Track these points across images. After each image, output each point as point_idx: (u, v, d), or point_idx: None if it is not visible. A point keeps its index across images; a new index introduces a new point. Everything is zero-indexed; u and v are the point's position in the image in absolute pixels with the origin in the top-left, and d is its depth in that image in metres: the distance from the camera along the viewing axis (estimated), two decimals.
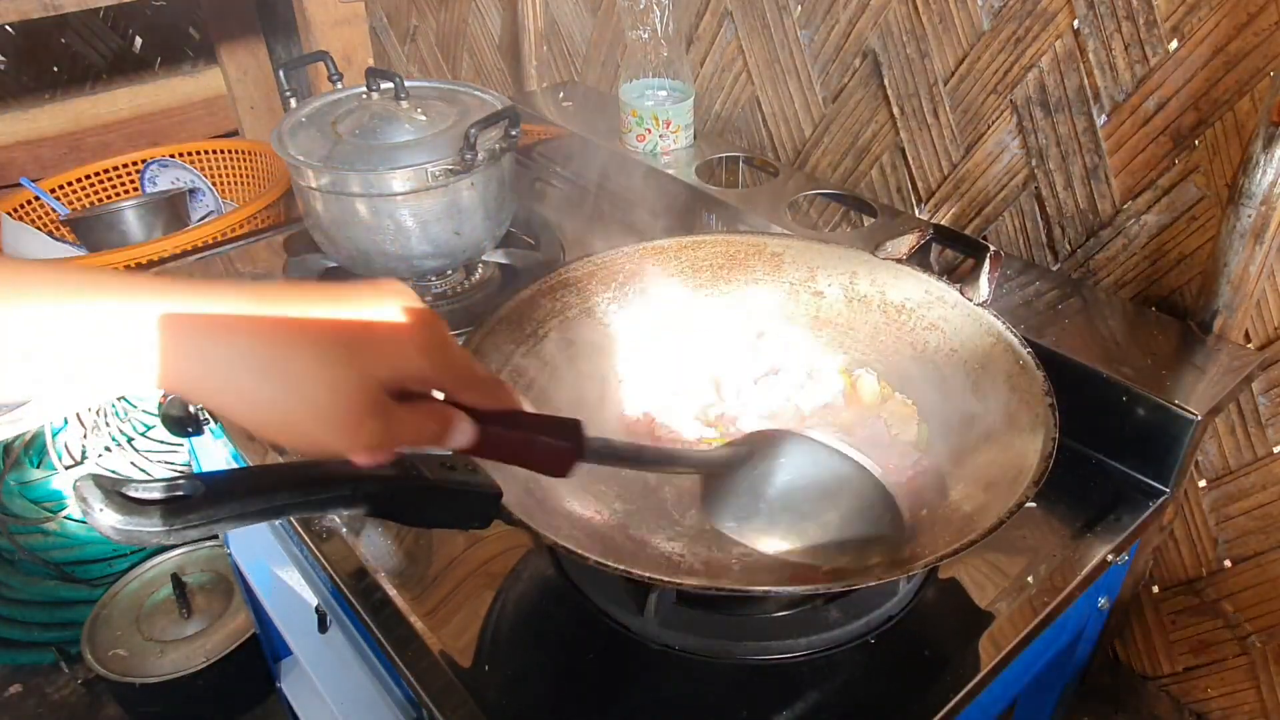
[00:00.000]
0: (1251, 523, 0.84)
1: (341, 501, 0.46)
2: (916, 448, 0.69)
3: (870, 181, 1.03)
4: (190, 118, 1.96)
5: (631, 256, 0.76)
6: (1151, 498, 0.72)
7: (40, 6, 1.28)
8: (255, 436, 0.42)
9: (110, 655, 1.43)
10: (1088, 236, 0.87)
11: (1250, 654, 0.89)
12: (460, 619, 0.64)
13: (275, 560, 0.94)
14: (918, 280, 0.73)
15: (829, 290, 0.77)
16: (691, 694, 0.59)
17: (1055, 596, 0.64)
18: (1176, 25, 0.75)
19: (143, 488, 0.40)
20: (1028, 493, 0.53)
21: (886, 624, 0.62)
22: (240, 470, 0.46)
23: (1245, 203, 0.70)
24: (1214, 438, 0.84)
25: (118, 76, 1.95)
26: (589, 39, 1.31)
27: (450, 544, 0.70)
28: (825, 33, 1.00)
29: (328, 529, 0.71)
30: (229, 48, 1.87)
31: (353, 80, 1.00)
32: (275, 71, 1.87)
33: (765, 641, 0.60)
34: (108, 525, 0.38)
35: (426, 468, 0.49)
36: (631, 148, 1.11)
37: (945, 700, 0.58)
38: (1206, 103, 0.75)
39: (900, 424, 0.71)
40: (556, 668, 0.61)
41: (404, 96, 0.93)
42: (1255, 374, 0.76)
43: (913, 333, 0.73)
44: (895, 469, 0.67)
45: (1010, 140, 0.89)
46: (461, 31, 1.55)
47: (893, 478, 0.66)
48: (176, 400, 0.94)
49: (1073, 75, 0.82)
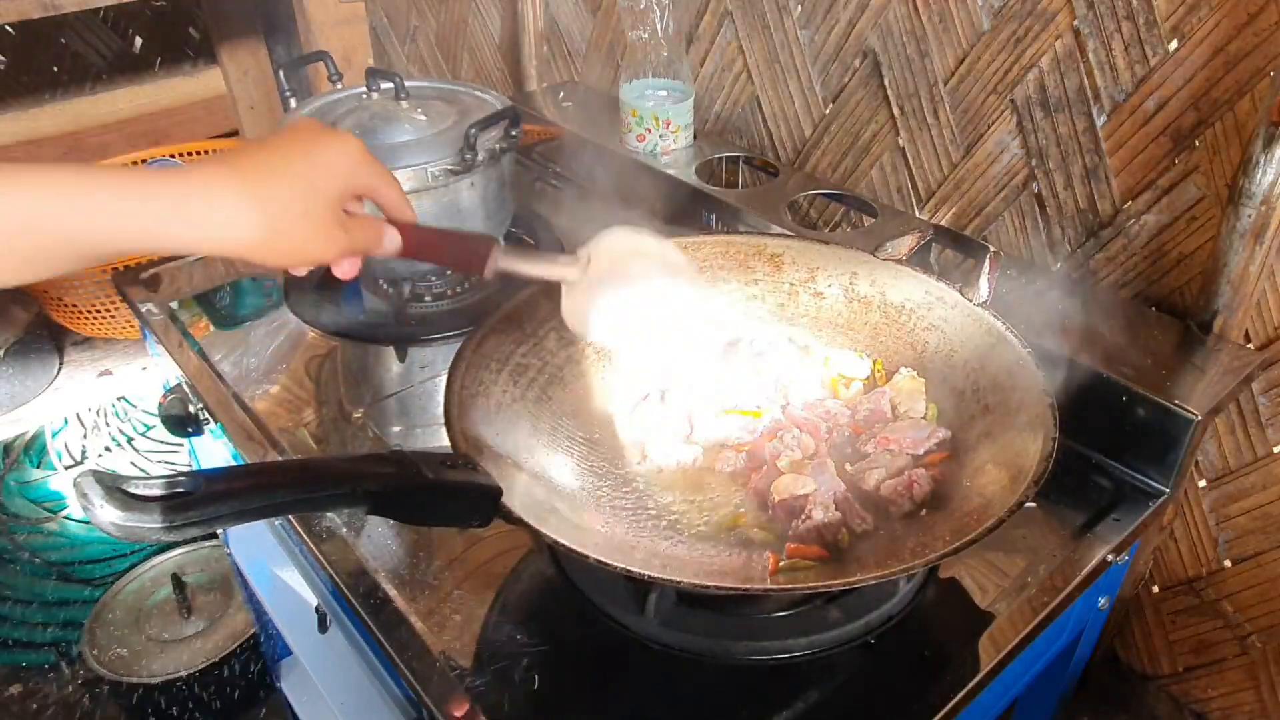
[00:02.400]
0: (1251, 523, 0.84)
1: (341, 499, 0.46)
2: (928, 419, 0.69)
3: (870, 181, 1.03)
4: (190, 118, 1.96)
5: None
6: (1151, 498, 0.72)
7: (40, 6, 1.28)
8: (253, 262, 0.54)
9: (110, 655, 1.43)
10: (1088, 236, 0.87)
11: (1250, 654, 0.89)
12: (460, 619, 0.64)
13: (275, 560, 0.94)
14: (918, 281, 0.73)
15: (829, 291, 0.77)
16: (691, 694, 0.59)
17: (1055, 596, 0.64)
18: (1176, 25, 0.75)
19: (143, 484, 0.40)
20: (1028, 493, 0.53)
21: (886, 624, 0.62)
22: (241, 467, 0.47)
23: (1245, 203, 0.70)
24: (1214, 438, 0.84)
25: (118, 76, 1.95)
26: (589, 39, 1.31)
27: (450, 544, 0.70)
28: (825, 33, 1.00)
29: (328, 529, 0.71)
30: (229, 48, 1.87)
31: (353, 80, 1.00)
32: (275, 71, 1.87)
33: (765, 641, 0.60)
34: (108, 521, 0.38)
35: (426, 466, 0.49)
36: (631, 148, 1.11)
37: (945, 700, 0.58)
38: (1206, 103, 0.75)
39: (908, 400, 0.71)
40: (557, 668, 0.61)
41: (404, 96, 0.93)
42: (1255, 374, 0.76)
43: (913, 333, 0.73)
44: (912, 443, 0.67)
45: (1010, 140, 0.89)
46: (461, 31, 1.55)
47: (909, 451, 0.66)
48: (176, 400, 0.94)
49: (1073, 75, 0.82)
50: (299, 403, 0.86)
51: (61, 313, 1.43)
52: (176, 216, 0.50)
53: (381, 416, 0.85)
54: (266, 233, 0.52)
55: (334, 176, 0.56)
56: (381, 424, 0.84)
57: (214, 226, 0.51)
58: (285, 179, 0.53)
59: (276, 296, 1.00)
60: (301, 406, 0.85)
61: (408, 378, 0.89)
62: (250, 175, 0.52)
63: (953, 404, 0.69)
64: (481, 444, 0.59)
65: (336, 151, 0.56)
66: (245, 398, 0.86)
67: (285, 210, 0.53)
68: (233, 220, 0.51)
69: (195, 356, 0.92)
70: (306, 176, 0.54)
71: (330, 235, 0.56)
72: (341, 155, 0.56)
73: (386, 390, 0.88)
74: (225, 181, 0.51)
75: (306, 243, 0.54)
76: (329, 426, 0.83)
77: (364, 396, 0.87)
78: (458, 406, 0.60)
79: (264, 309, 1.00)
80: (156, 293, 1.02)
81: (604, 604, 0.63)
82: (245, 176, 0.52)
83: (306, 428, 0.83)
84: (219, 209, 0.51)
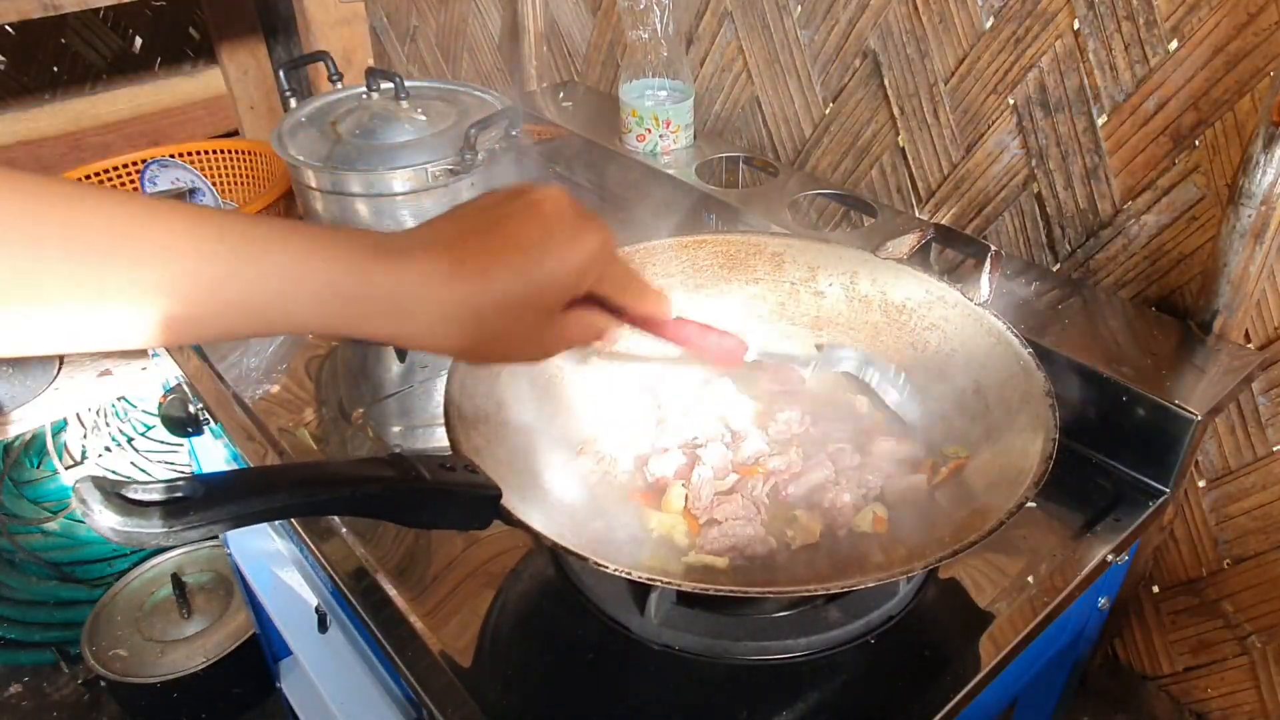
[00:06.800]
0: (1251, 523, 0.84)
1: (341, 503, 0.46)
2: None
3: (870, 181, 1.03)
4: (190, 118, 1.96)
5: (631, 256, 0.76)
6: (1151, 498, 0.72)
7: (40, 6, 1.28)
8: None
9: (110, 655, 1.43)
10: (1088, 236, 0.87)
11: (1250, 654, 0.89)
12: (460, 619, 0.64)
13: (275, 560, 0.94)
14: (918, 280, 0.73)
15: (830, 290, 0.77)
16: (691, 694, 0.59)
17: (1055, 596, 0.64)
18: (1176, 25, 0.74)
19: (142, 489, 0.40)
20: (1028, 493, 0.53)
21: (886, 624, 0.62)
22: (240, 472, 0.47)
23: (1245, 203, 0.70)
24: (1214, 438, 0.84)
25: (118, 76, 1.95)
26: (589, 39, 1.31)
27: (450, 544, 0.70)
28: (825, 33, 1.00)
29: (328, 529, 0.71)
30: (229, 48, 1.87)
31: (353, 80, 1.00)
32: (275, 71, 1.87)
33: (765, 641, 0.60)
34: (107, 527, 0.38)
35: (426, 469, 0.49)
36: (631, 148, 1.11)
37: (945, 700, 0.58)
38: (1206, 103, 0.75)
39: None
40: (556, 668, 0.61)
41: (404, 96, 0.93)
42: (1255, 374, 0.76)
43: (913, 332, 0.73)
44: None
45: (1010, 140, 0.89)
46: (461, 31, 1.55)
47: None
48: (176, 400, 0.94)
49: (1073, 75, 0.82)
50: (299, 403, 0.86)
51: None
52: (379, 313, 0.43)
53: (381, 416, 0.85)
54: (471, 342, 0.46)
55: (565, 281, 0.47)
56: (381, 424, 0.84)
57: (417, 332, 0.44)
58: (507, 274, 0.45)
59: None
60: (301, 406, 0.85)
61: (408, 378, 0.89)
62: (468, 269, 0.44)
63: (953, 403, 0.69)
64: (481, 445, 0.59)
65: (576, 250, 0.47)
66: (245, 398, 0.86)
67: (499, 315, 0.45)
68: (436, 328, 0.44)
69: (195, 356, 0.92)
70: (532, 277, 0.46)
71: (541, 342, 0.49)
72: (580, 256, 0.47)
73: (386, 390, 0.88)
74: (443, 283, 0.44)
75: (512, 350, 0.48)
76: (329, 426, 0.84)
77: (364, 396, 0.87)
78: (458, 408, 0.60)
79: None
80: None
81: (604, 604, 0.63)
82: (463, 273, 0.44)
83: (306, 428, 0.83)
84: (424, 315, 0.44)
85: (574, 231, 0.47)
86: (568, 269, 0.47)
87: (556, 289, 0.47)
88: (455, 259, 0.44)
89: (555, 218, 0.47)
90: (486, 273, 0.45)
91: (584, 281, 0.48)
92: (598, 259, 0.48)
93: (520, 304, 0.46)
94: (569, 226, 0.47)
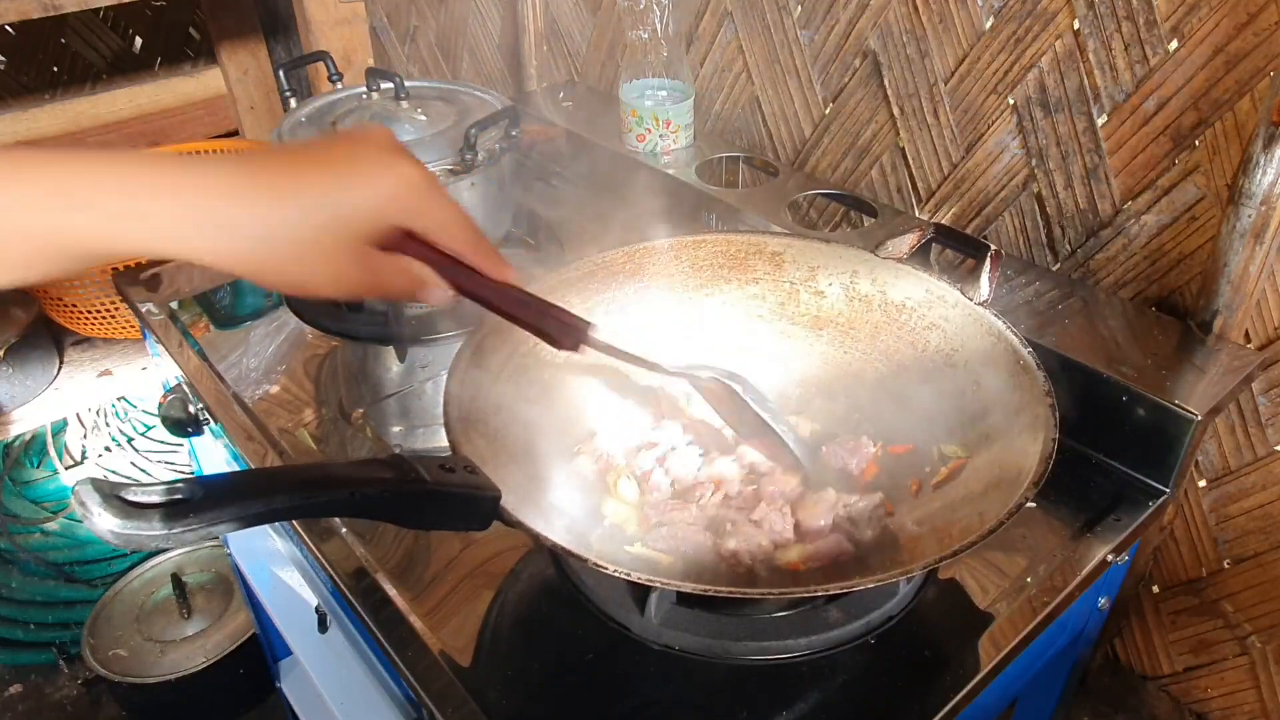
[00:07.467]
0: (1251, 523, 0.84)
1: (340, 505, 0.46)
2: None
3: (870, 181, 1.03)
4: (190, 118, 1.96)
5: (631, 256, 0.76)
6: (1151, 498, 0.72)
7: (40, 6, 1.28)
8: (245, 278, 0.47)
9: (110, 655, 1.43)
10: (1088, 236, 0.87)
11: (1250, 654, 0.89)
12: (460, 619, 0.64)
13: (275, 560, 0.94)
14: (918, 280, 0.73)
15: (830, 290, 0.77)
16: (691, 694, 0.59)
17: (1055, 596, 0.64)
18: (1176, 25, 0.74)
19: (142, 491, 0.40)
20: (1028, 493, 0.53)
21: (886, 624, 0.62)
22: (239, 473, 0.47)
23: (1245, 203, 0.70)
24: (1214, 438, 0.84)
25: (118, 76, 1.95)
26: (589, 39, 1.31)
27: (450, 544, 0.70)
28: (825, 33, 1.00)
29: (328, 529, 0.71)
30: (229, 48, 1.87)
31: (353, 80, 1.00)
32: (275, 71, 1.87)
33: (765, 641, 0.60)
34: (106, 529, 0.38)
35: (425, 471, 0.49)
36: (631, 148, 1.11)
37: (945, 700, 0.58)
38: (1206, 103, 0.75)
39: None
40: (557, 668, 0.61)
41: (404, 96, 0.93)
42: (1255, 374, 0.76)
43: (913, 332, 0.73)
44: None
45: (1010, 140, 0.89)
46: (461, 31, 1.55)
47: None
48: (176, 401, 0.94)
49: (1073, 75, 0.82)
50: (299, 403, 0.86)
51: (61, 313, 1.44)
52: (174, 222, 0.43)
53: (381, 416, 0.85)
54: (260, 261, 0.45)
55: (370, 206, 0.47)
56: (381, 424, 0.84)
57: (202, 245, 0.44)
58: (306, 195, 0.45)
59: (276, 297, 1.00)
60: (301, 406, 0.86)
61: (408, 378, 0.89)
62: (265, 181, 0.45)
63: (954, 403, 0.69)
64: (481, 446, 0.59)
65: (385, 177, 0.47)
66: (245, 398, 0.86)
67: (291, 232, 0.45)
68: (222, 242, 0.44)
69: (195, 356, 0.92)
70: (333, 198, 0.46)
71: (341, 272, 0.47)
72: (391, 182, 0.47)
73: (386, 390, 0.88)
74: (237, 196, 0.44)
75: (307, 274, 0.46)
76: (329, 426, 0.84)
77: (364, 396, 0.87)
78: (457, 408, 0.60)
79: (264, 309, 1.00)
80: (156, 293, 1.02)
81: (604, 604, 0.63)
82: (257, 182, 0.44)
83: (306, 428, 0.83)
84: (212, 227, 0.44)
85: (385, 162, 0.47)
86: (371, 196, 0.47)
87: (359, 216, 0.47)
88: (252, 174, 0.45)
89: (367, 146, 0.48)
90: (280, 190, 0.45)
91: (390, 212, 0.48)
92: (410, 192, 0.48)
93: (317, 227, 0.45)
94: (381, 157, 0.47)
